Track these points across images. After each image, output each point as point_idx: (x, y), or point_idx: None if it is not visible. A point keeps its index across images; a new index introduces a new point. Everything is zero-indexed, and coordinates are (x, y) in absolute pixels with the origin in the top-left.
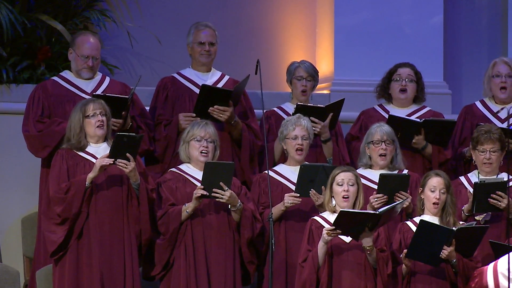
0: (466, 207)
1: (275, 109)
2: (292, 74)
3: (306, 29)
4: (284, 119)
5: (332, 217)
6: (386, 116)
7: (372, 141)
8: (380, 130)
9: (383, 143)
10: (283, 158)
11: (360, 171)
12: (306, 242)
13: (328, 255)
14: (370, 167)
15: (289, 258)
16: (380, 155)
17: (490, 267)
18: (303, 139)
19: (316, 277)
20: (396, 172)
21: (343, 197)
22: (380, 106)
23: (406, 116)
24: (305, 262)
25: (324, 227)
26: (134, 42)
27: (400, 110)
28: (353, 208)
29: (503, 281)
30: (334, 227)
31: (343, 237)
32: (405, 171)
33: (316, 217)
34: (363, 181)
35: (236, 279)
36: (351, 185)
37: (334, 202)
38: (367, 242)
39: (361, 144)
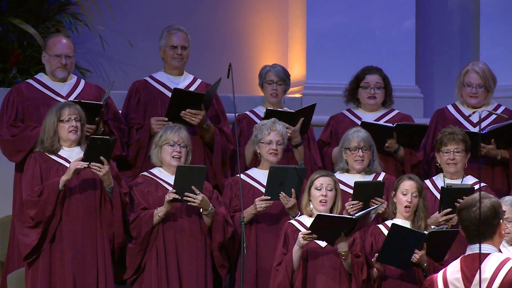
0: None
1: (247, 112)
2: (263, 78)
3: (278, 33)
4: (256, 122)
5: (308, 221)
6: (356, 120)
7: (349, 148)
8: (357, 136)
9: (360, 149)
10: (254, 162)
11: (337, 175)
12: (282, 246)
13: (303, 259)
14: (347, 171)
15: (259, 261)
16: (357, 161)
17: (440, 276)
18: (278, 144)
19: (290, 281)
20: (373, 175)
21: (321, 202)
22: (349, 111)
23: (375, 120)
24: (280, 265)
25: (300, 230)
26: (106, 46)
27: (369, 114)
28: (331, 213)
29: None
30: (310, 231)
31: (319, 242)
32: (382, 174)
33: (292, 221)
34: (340, 185)
35: (207, 283)
36: (329, 190)
37: (311, 206)
38: (342, 247)
39: (337, 148)
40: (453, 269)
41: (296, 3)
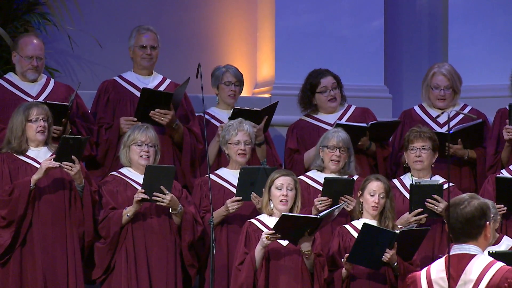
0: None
1: (204, 114)
2: (220, 79)
3: (247, 33)
4: (212, 123)
5: (269, 220)
6: (319, 124)
7: (327, 146)
8: (337, 136)
9: (337, 149)
10: (217, 162)
11: (312, 173)
12: (243, 245)
13: (265, 259)
14: (322, 170)
15: (230, 261)
16: (332, 160)
17: (423, 275)
18: (246, 144)
19: (253, 281)
20: (345, 177)
21: (281, 201)
22: (308, 115)
23: (338, 119)
24: (242, 265)
25: (261, 229)
26: (74, 46)
27: (330, 116)
28: (291, 213)
29: None
30: (274, 231)
31: (280, 241)
32: (356, 177)
33: (252, 220)
34: (312, 183)
35: (177, 282)
36: (290, 190)
37: (271, 205)
38: (306, 246)
39: (310, 153)
40: (438, 268)
41: (264, 3)
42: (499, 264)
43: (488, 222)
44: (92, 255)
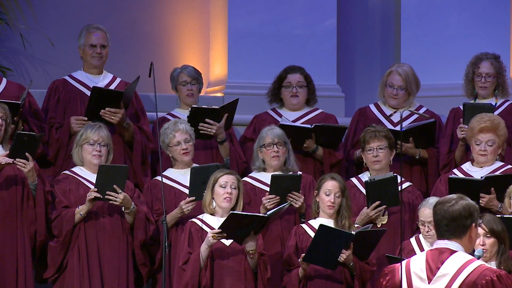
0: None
1: (166, 115)
2: (176, 81)
3: (199, 32)
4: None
5: (211, 219)
6: (279, 119)
7: (264, 145)
8: (271, 133)
9: (274, 145)
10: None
11: (254, 174)
12: (187, 245)
13: (209, 258)
14: (264, 170)
15: None
16: (273, 157)
17: (402, 265)
18: (186, 142)
19: (198, 280)
20: (290, 174)
21: (225, 199)
22: (273, 110)
23: (298, 118)
24: (186, 264)
25: (203, 229)
26: (27, 44)
27: (292, 113)
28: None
29: (416, 282)
30: (220, 230)
31: (223, 241)
32: (299, 173)
33: (194, 219)
34: (257, 184)
35: (129, 281)
36: (233, 189)
37: (214, 204)
38: (250, 246)
39: (254, 147)
40: (418, 260)
41: (217, 3)
42: (478, 263)
43: (474, 224)
44: (44, 255)
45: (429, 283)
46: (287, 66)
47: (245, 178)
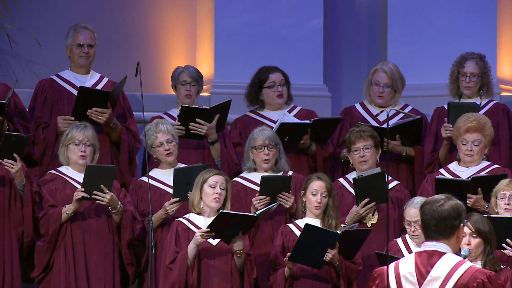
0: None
1: (162, 114)
2: (176, 79)
3: (186, 31)
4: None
5: (197, 219)
6: (263, 120)
7: (255, 147)
8: (262, 135)
9: (265, 148)
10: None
11: (245, 174)
12: (174, 244)
13: (196, 258)
14: (255, 170)
15: None
16: (264, 160)
17: (391, 269)
18: (168, 142)
19: (185, 279)
20: (280, 173)
21: (214, 199)
22: (253, 112)
23: (283, 119)
24: (173, 264)
25: (190, 228)
26: (13, 44)
27: (274, 113)
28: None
29: (407, 285)
30: (209, 229)
31: (210, 240)
32: (290, 173)
33: (181, 219)
34: (248, 184)
35: (115, 281)
36: (222, 189)
37: (202, 203)
38: (238, 245)
39: (244, 147)
40: (407, 263)
41: (204, 2)
42: (468, 264)
43: (462, 224)
44: (31, 255)
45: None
46: (263, 68)
47: (236, 178)
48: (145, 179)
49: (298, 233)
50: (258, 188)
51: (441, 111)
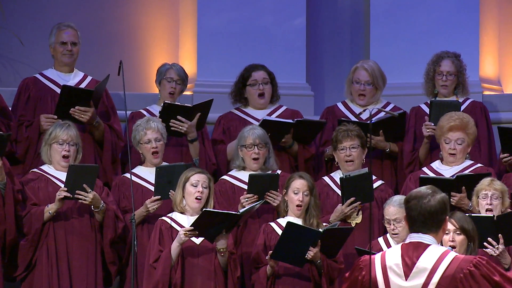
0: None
1: (141, 110)
2: (163, 75)
3: (169, 30)
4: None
5: (181, 218)
6: (247, 118)
7: (245, 145)
8: (252, 133)
9: (255, 147)
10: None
11: (233, 172)
12: (157, 243)
13: (180, 257)
14: (243, 168)
15: None
16: (254, 159)
17: (377, 259)
18: (157, 141)
19: (169, 278)
20: (269, 172)
21: (196, 198)
22: (238, 109)
23: (266, 116)
24: (157, 262)
25: (173, 227)
26: None
27: (259, 111)
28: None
29: (393, 278)
30: (192, 227)
31: (194, 239)
32: (278, 172)
33: (164, 218)
34: (236, 182)
35: (97, 280)
36: (204, 188)
37: (184, 202)
38: (221, 244)
39: (233, 144)
40: (393, 255)
41: (187, 1)
42: (453, 254)
43: (447, 217)
44: (14, 254)
45: (406, 280)
46: (249, 65)
47: (224, 177)
48: (128, 175)
49: (280, 231)
50: (245, 186)
51: (418, 110)
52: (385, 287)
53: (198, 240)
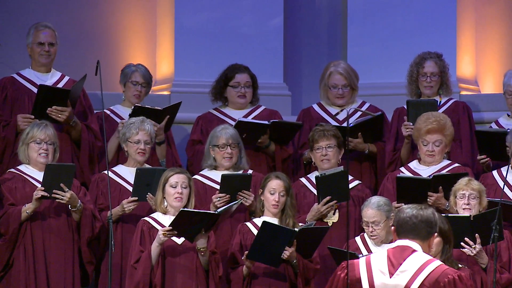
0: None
1: (105, 110)
2: (128, 78)
3: (146, 30)
4: (114, 120)
5: (163, 218)
6: (225, 119)
7: (218, 145)
8: (225, 133)
9: (228, 146)
10: (117, 158)
11: (205, 172)
12: (138, 243)
13: (161, 257)
14: (215, 168)
15: (125, 260)
16: (225, 158)
17: (362, 261)
18: (146, 143)
19: (150, 279)
20: (240, 172)
21: (176, 198)
22: (217, 109)
23: (244, 116)
24: (138, 263)
25: (155, 228)
26: None
27: (237, 112)
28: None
29: (378, 276)
30: (171, 227)
31: (175, 239)
32: (250, 171)
33: (147, 218)
34: (208, 182)
35: (75, 279)
36: (184, 188)
37: (165, 203)
38: (201, 243)
39: (205, 145)
40: (378, 257)
41: (164, 1)
42: (438, 262)
43: (436, 234)
44: None
45: (390, 277)
46: (233, 65)
47: (196, 176)
48: (109, 173)
49: (255, 231)
50: (218, 186)
51: (401, 111)
52: (369, 285)
53: (179, 240)
